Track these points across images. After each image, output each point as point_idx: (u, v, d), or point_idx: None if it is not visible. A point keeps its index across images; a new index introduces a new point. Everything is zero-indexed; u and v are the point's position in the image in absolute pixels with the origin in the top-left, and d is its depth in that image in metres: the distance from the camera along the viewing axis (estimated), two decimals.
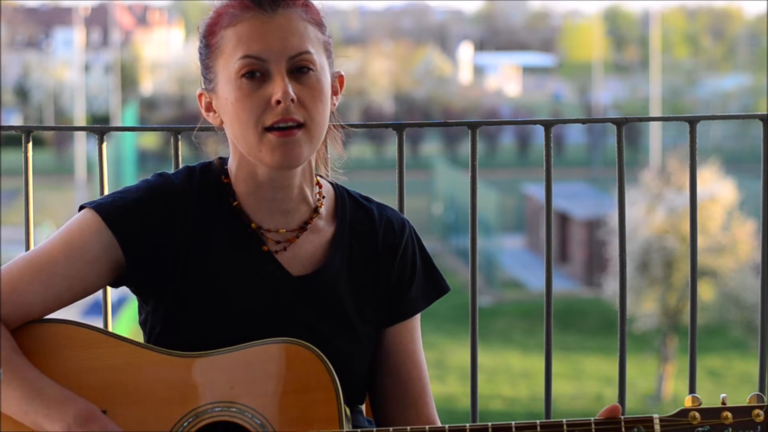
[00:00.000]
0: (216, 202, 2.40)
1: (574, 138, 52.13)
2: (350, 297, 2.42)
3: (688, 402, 2.29)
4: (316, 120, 2.33)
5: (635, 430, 2.28)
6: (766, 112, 3.21)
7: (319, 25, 2.37)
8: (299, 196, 2.42)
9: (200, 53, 2.40)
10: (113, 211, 2.34)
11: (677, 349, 20.82)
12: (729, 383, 20.29)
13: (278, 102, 2.29)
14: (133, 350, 2.30)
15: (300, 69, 2.32)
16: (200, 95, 2.42)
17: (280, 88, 2.29)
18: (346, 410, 2.33)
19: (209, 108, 2.41)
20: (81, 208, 2.37)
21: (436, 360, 21.38)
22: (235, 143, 2.37)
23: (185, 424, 2.27)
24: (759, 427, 2.27)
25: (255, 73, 2.30)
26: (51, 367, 2.28)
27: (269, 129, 2.30)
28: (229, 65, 2.32)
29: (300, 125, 2.31)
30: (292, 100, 2.30)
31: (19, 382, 2.25)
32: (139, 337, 2.41)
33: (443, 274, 2.56)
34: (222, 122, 2.38)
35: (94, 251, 2.33)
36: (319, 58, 2.34)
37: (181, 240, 2.36)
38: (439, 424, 2.38)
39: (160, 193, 2.37)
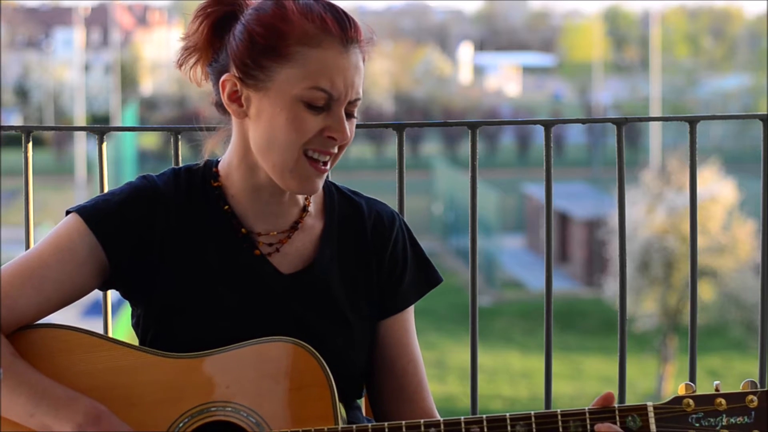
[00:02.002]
0: (205, 206, 2.40)
1: (574, 138, 52.12)
2: (343, 291, 2.42)
3: (681, 390, 2.30)
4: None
5: (629, 418, 2.28)
6: (766, 112, 3.21)
7: (365, 61, 2.38)
8: (290, 199, 2.42)
9: (252, 44, 2.31)
10: (95, 213, 2.35)
11: (677, 349, 20.82)
12: (729, 383, 20.14)
13: (332, 138, 2.31)
14: (127, 353, 2.30)
15: (351, 114, 2.36)
16: (224, 82, 2.35)
17: (342, 127, 2.32)
18: (342, 409, 2.33)
19: (234, 98, 2.35)
20: (67, 213, 2.38)
21: (436, 360, 21.36)
22: (261, 152, 2.34)
23: (181, 424, 2.27)
24: (753, 413, 2.28)
25: (318, 103, 2.31)
26: (46, 372, 2.28)
27: (307, 154, 2.31)
28: (296, 83, 2.29)
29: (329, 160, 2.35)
30: None
31: (23, 386, 2.25)
32: (135, 339, 2.42)
33: (443, 275, 2.56)
34: (246, 116, 2.35)
35: (81, 254, 2.33)
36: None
37: (166, 241, 2.36)
38: (437, 418, 2.38)
39: (143, 195, 2.38)
